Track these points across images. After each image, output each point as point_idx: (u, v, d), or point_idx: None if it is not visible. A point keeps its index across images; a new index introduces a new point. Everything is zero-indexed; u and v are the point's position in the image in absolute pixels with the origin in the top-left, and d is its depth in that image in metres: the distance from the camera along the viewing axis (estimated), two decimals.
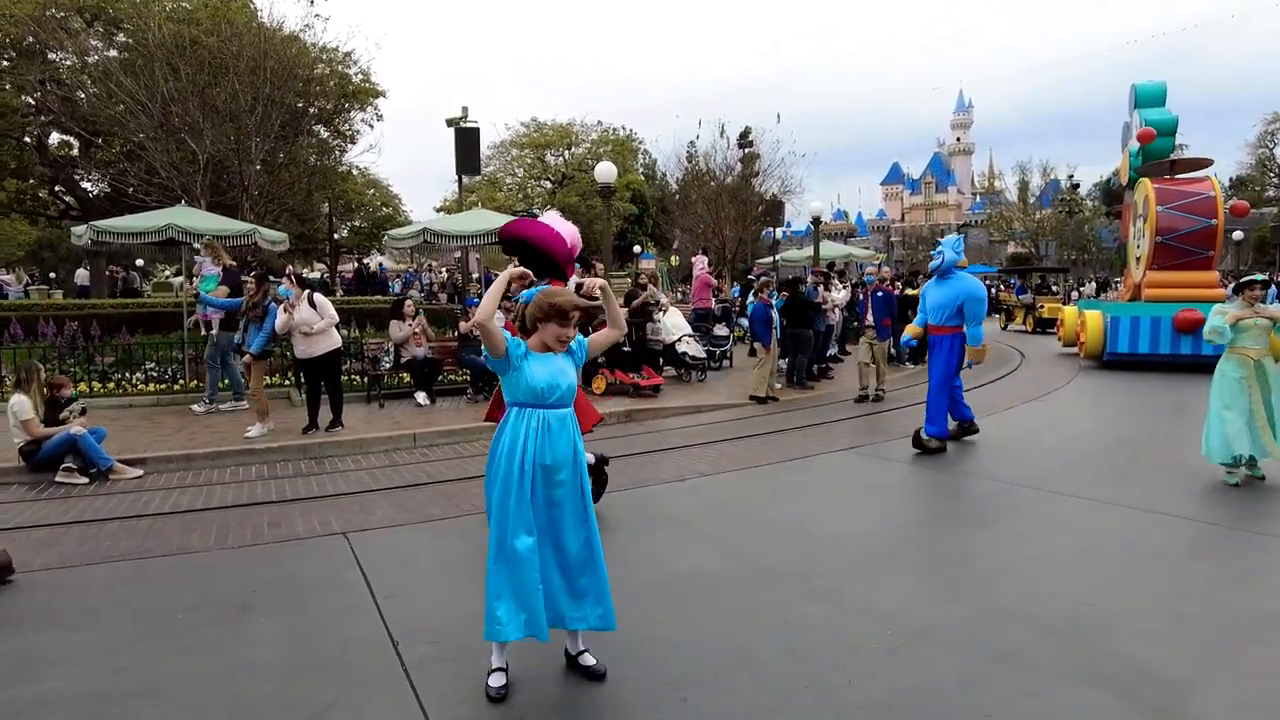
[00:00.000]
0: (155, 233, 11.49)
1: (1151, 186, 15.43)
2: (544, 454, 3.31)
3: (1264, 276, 6.84)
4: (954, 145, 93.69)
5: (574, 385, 3.43)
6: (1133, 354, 14.27)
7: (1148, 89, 17.12)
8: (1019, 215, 58.52)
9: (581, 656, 3.52)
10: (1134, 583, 4.48)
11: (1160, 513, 5.74)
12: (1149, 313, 14.32)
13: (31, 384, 7.59)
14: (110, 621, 4.20)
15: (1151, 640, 3.74)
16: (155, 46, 17.34)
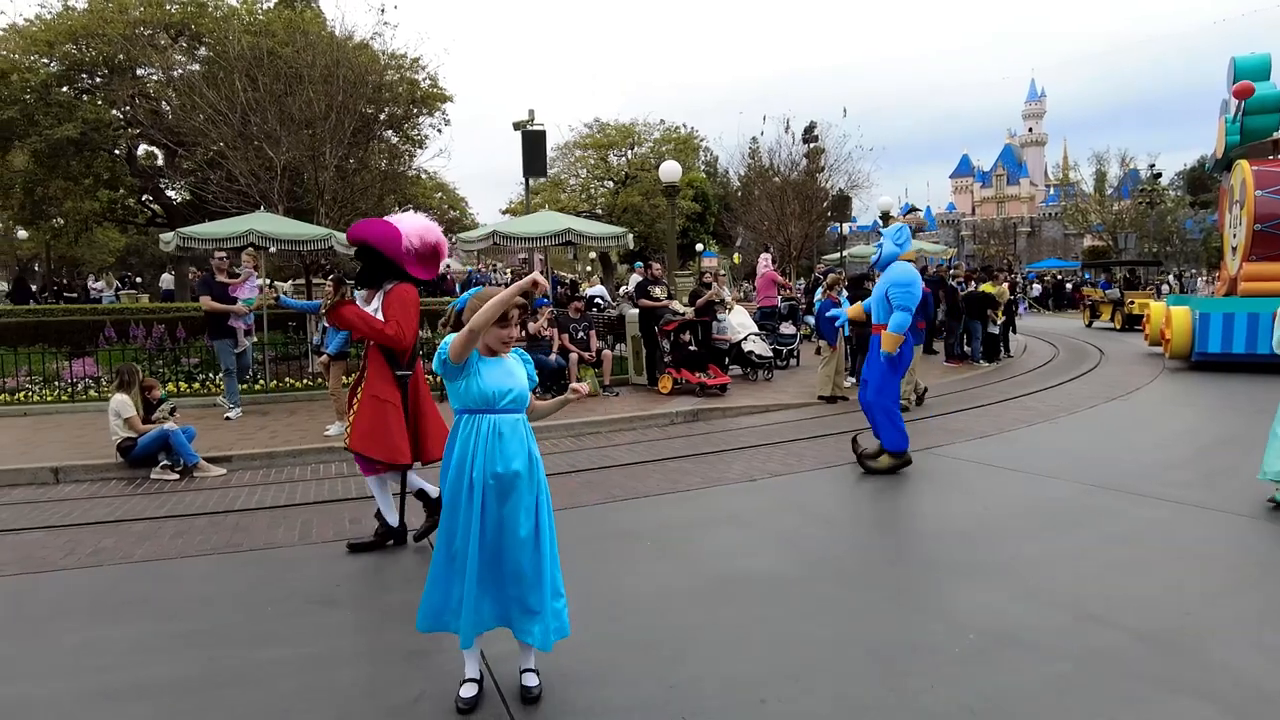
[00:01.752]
0: (237, 238, 11.92)
1: (1250, 169, 14.09)
2: (494, 462, 3.18)
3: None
4: (1026, 136, 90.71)
5: (524, 390, 3.28)
6: (1225, 354, 13.12)
7: (1249, 62, 15.53)
8: (1095, 207, 56.28)
9: (524, 675, 3.36)
10: (1239, 592, 4.27)
11: (1262, 519, 5.45)
12: (1245, 309, 13.15)
13: (133, 385, 8.01)
14: (203, 613, 4.37)
15: (1260, 652, 3.55)
16: (234, 58, 17.99)
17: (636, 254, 27.41)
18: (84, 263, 39.68)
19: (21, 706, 3.40)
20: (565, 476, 7.31)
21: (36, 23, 22.60)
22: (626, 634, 3.95)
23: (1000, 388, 12.12)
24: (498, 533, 3.22)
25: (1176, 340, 13.98)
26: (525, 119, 16.40)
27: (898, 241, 7.20)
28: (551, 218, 14.73)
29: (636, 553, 5.20)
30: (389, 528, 5.36)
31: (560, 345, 11.70)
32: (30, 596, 4.71)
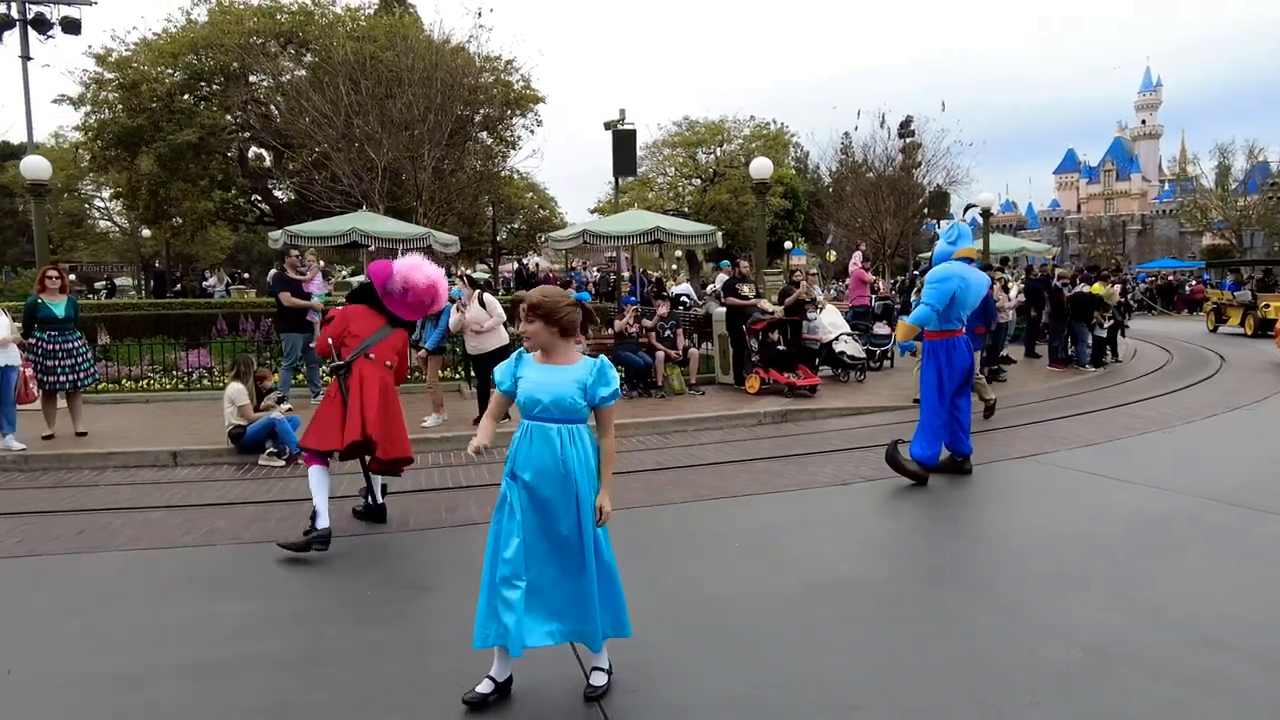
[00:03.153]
0: (340, 236, 12.44)
1: None
2: (524, 467, 3.18)
3: None
4: (1138, 128, 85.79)
5: (562, 400, 3.16)
6: None
7: None
8: (1217, 203, 52.71)
9: (592, 674, 3.35)
10: None
11: None
12: None
13: (248, 375, 8.48)
14: (308, 594, 4.58)
15: None
16: (338, 64, 18.81)
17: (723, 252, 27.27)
18: (198, 259, 42.15)
19: (149, 671, 3.63)
20: (651, 474, 7.33)
21: (163, 36, 24.15)
22: (714, 632, 3.93)
23: (1108, 394, 11.52)
24: (540, 538, 3.22)
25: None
26: (616, 118, 16.52)
27: (950, 240, 6.91)
28: (640, 216, 14.80)
29: (724, 552, 5.17)
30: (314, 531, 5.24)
31: (647, 343, 11.73)
32: (153, 570, 5.03)
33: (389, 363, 5.57)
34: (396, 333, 5.73)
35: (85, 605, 4.48)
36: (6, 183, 34.85)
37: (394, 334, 5.70)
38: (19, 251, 39.94)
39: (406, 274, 5.55)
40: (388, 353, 5.60)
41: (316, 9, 25.40)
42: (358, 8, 26.25)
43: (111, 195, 34.97)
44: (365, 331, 5.54)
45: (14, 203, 40.86)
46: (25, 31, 19.19)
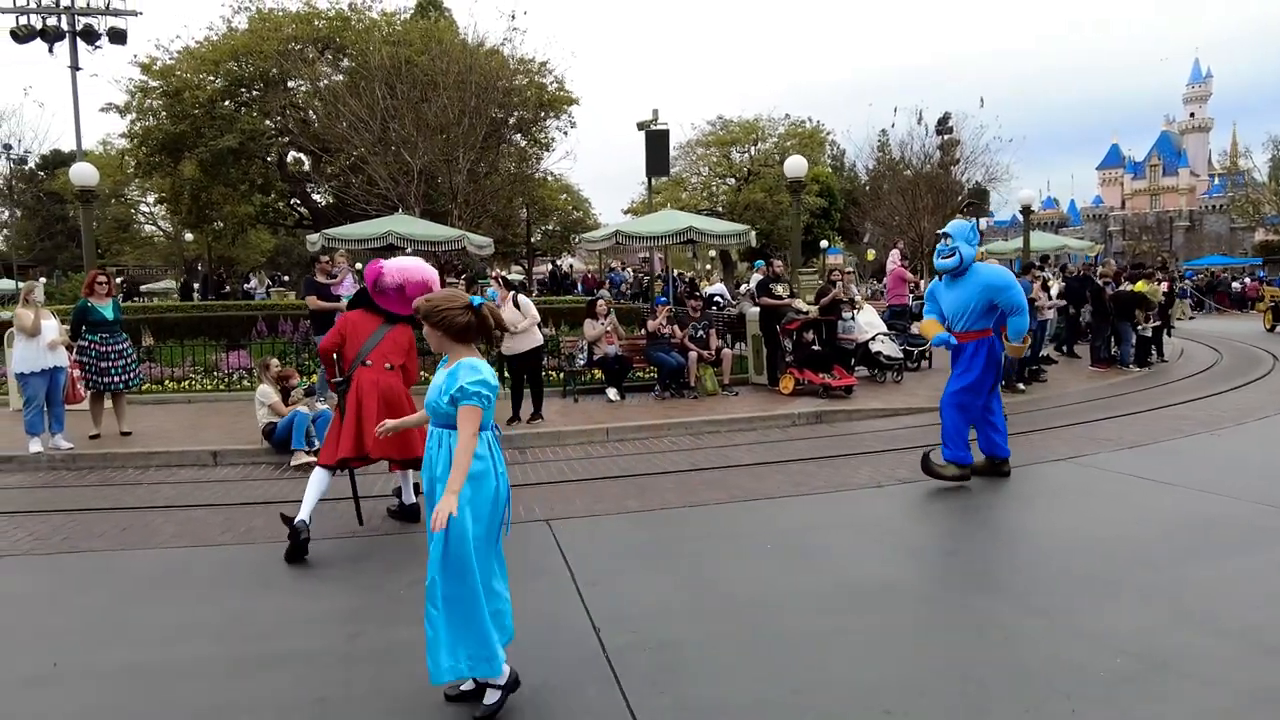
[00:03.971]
0: (377, 239, 12.59)
1: None
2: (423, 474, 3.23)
3: None
4: (1186, 122, 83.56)
5: (429, 403, 3.15)
6: None
7: None
8: (1271, 198, 51.09)
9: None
10: None
11: None
12: None
13: (270, 376, 8.69)
14: (341, 592, 4.64)
15: None
16: (374, 68, 19.04)
17: (758, 252, 27.10)
18: (238, 262, 43.02)
19: (190, 665, 3.70)
20: (686, 475, 7.30)
21: (205, 44, 24.68)
22: (747, 634, 3.89)
23: (1152, 394, 11.22)
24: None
25: None
26: (649, 119, 16.49)
27: (973, 242, 6.70)
28: (673, 216, 14.76)
29: (758, 554, 5.12)
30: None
31: (680, 343, 11.70)
32: (194, 567, 5.13)
33: (389, 364, 5.53)
34: (398, 329, 5.65)
35: (127, 601, 4.58)
36: (57, 189, 35.92)
37: (394, 331, 5.62)
38: (69, 256, 41.17)
39: (399, 268, 5.57)
40: (389, 353, 5.56)
41: (353, 14, 25.78)
42: (393, 13, 26.60)
43: (156, 200, 35.91)
44: (362, 336, 5.55)
45: (64, 209, 42.13)
46: (74, 43, 19.72)
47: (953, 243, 6.57)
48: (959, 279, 6.61)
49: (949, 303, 6.71)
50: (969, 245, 6.62)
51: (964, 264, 6.56)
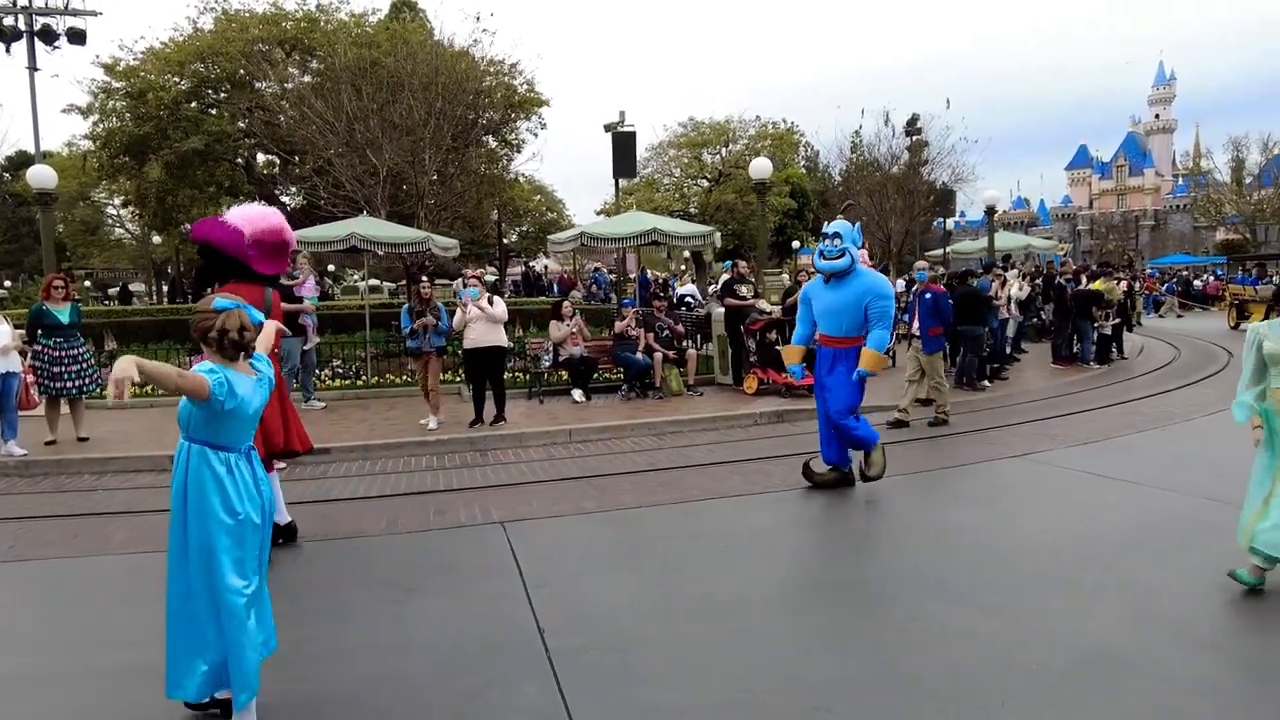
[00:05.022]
0: (340, 241, 12.51)
1: None
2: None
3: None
4: (1151, 123, 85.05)
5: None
6: None
7: None
8: (1231, 198, 52.17)
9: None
10: None
11: None
12: None
13: None
14: (293, 596, 4.59)
15: None
16: (341, 70, 18.89)
17: (732, 252, 27.23)
18: None
19: (133, 670, 3.66)
20: (645, 475, 7.34)
21: (170, 45, 24.33)
22: (696, 635, 3.92)
23: (1110, 391, 11.43)
24: None
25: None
26: (615, 120, 16.52)
27: (858, 243, 6.46)
28: (638, 218, 14.80)
29: (711, 554, 5.16)
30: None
31: (645, 344, 11.74)
32: (148, 572, 5.05)
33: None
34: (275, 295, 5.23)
35: (76, 607, 4.53)
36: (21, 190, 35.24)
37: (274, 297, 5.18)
38: (36, 259, 40.35)
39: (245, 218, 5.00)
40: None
41: (321, 15, 25.54)
42: (362, 14, 26.38)
43: (122, 203, 35.35)
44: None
45: (31, 211, 41.32)
46: (32, 43, 19.38)
47: (842, 243, 6.34)
48: (841, 282, 6.39)
49: (828, 303, 6.45)
50: (855, 247, 6.44)
51: (852, 266, 6.38)
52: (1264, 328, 4.30)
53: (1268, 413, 4.22)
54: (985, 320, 12.10)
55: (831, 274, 6.40)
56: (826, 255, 6.38)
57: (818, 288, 6.61)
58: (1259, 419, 4.25)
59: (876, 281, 6.52)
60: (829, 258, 6.36)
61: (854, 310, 6.34)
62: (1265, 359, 4.22)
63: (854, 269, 6.38)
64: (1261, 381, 4.26)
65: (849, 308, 6.34)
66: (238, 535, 3.06)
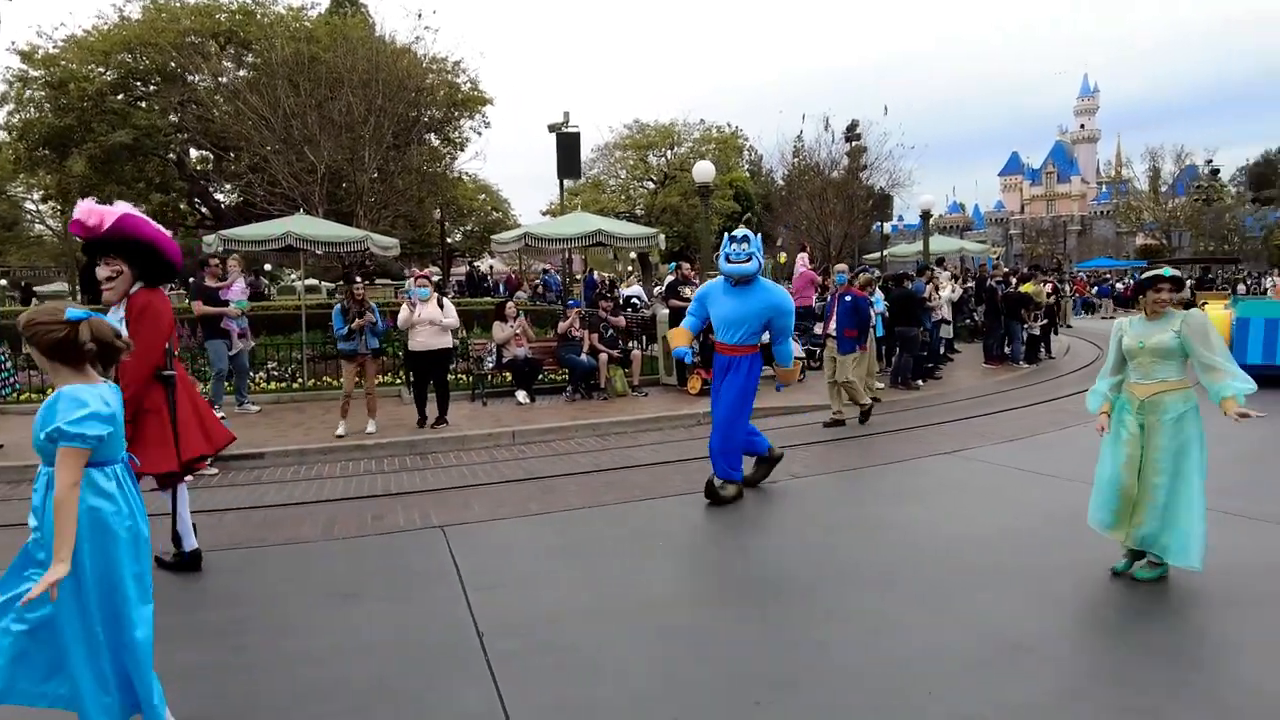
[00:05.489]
0: (275, 240, 12.23)
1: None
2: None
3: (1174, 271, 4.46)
4: (1077, 133, 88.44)
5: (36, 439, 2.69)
6: (1269, 366, 11.11)
7: None
8: (1149, 205, 54.71)
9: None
10: (1264, 603, 4.12)
11: None
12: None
13: None
14: (228, 604, 4.51)
15: (1274, 663, 3.44)
16: (278, 65, 18.47)
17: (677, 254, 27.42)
18: None
19: None
20: (589, 476, 7.36)
21: (93, 34, 23.44)
22: (636, 634, 3.97)
23: (1038, 389, 11.87)
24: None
25: None
26: (560, 121, 16.51)
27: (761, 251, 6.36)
28: (582, 219, 14.82)
29: (652, 553, 5.22)
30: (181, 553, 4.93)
31: (590, 345, 11.76)
32: None
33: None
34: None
35: None
36: None
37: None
38: None
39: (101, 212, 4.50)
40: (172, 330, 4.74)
41: (258, 8, 24.91)
42: (300, 8, 25.82)
43: (42, 198, 33.85)
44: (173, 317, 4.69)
45: None
46: None
47: (750, 247, 6.26)
48: (744, 288, 6.32)
49: (728, 310, 6.35)
50: (760, 254, 6.36)
51: (758, 272, 6.34)
52: (1125, 323, 4.47)
53: (1122, 405, 4.42)
54: (920, 321, 12.45)
55: (742, 277, 6.29)
56: (734, 259, 6.26)
57: (719, 293, 6.49)
58: (1109, 406, 4.45)
59: (779, 296, 6.52)
60: (736, 261, 6.25)
61: (753, 322, 6.30)
62: (1124, 353, 4.40)
63: (757, 277, 6.34)
64: (1120, 373, 4.47)
65: (749, 318, 6.29)
66: (134, 550, 2.84)
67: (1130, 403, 4.37)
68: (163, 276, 4.73)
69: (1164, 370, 4.26)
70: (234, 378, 10.87)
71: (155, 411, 4.53)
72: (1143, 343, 4.28)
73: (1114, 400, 4.46)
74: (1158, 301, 4.28)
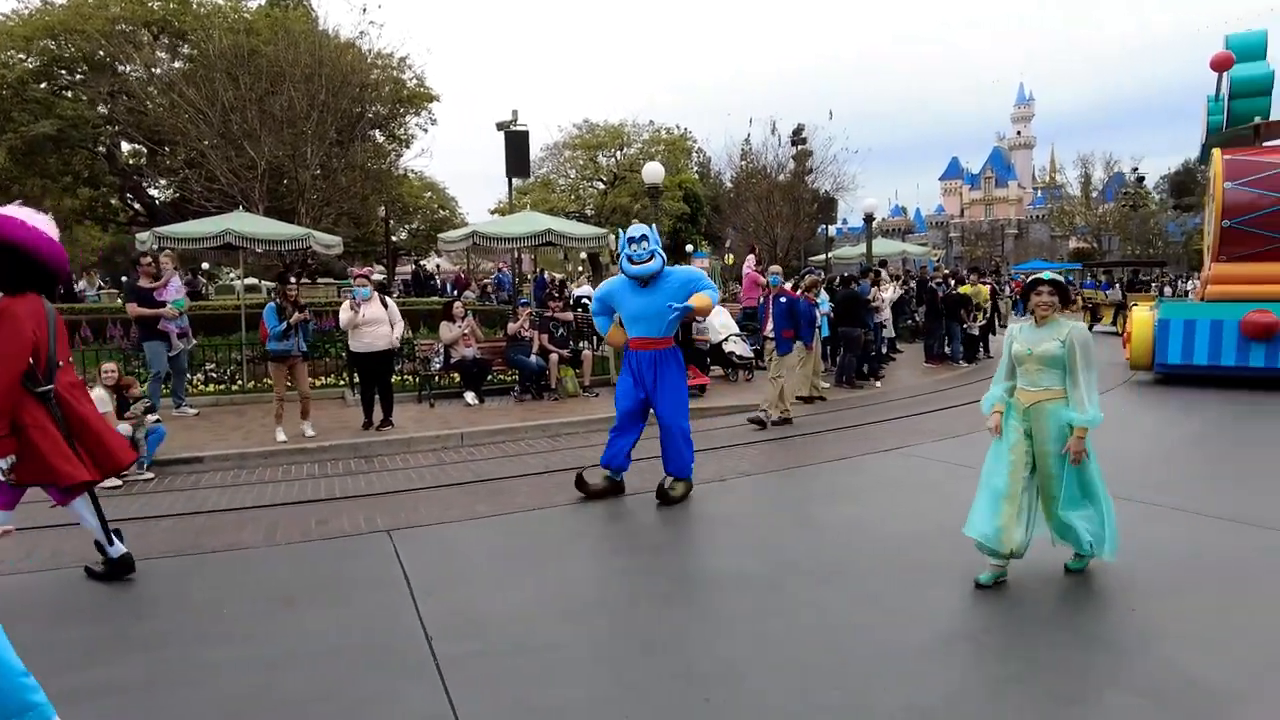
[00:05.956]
0: (213, 238, 11.87)
1: (1221, 158, 12.46)
2: None
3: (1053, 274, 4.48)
4: (1014, 139, 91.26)
5: None
6: (1186, 366, 11.73)
7: (1242, 39, 13.60)
8: (1081, 210, 56.79)
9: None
10: (1188, 590, 4.32)
11: (1222, 519, 5.51)
12: (1208, 315, 11.72)
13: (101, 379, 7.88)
14: (163, 614, 4.36)
15: (1200, 649, 3.60)
16: (216, 57, 17.94)
17: None
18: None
19: None
20: (540, 477, 7.32)
21: (13, 18, 22.43)
22: (589, 634, 3.96)
23: (977, 388, 12.13)
24: None
25: (1137, 350, 12.54)
26: (509, 119, 16.39)
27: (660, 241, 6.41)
28: (531, 218, 14.73)
29: (604, 554, 5.22)
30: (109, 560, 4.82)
31: (540, 345, 11.69)
32: None
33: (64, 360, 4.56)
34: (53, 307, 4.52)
35: None
36: None
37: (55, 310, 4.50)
38: None
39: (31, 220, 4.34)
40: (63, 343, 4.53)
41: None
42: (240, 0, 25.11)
43: None
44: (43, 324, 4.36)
45: None
46: None
47: (650, 245, 6.26)
48: (654, 284, 6.30)
49: (640, 305, 6.33)
50: (660, 248, 6.37)
51: (662, 267, 6.34)
52: (1016, 329, 4.46)
53: (1010, 411, 4.42)
54: (864, 322, 12.69)
55: (647, 276, 6.25)
56: (636, 260, 6.24)
57: (623, 291, 6.44)
58: (1001, 408, 4.45)
59: (691, 273, 6.54)
60: (638, 262, 6.23)
61: (669, 311, 6.28)
62: (1013, 359, 4.40)
63: (663, 270, 6.34)
64: (1013, 379, 4.49)
65: (664, 310, 6.28)
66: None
67: (1017, 409, 4.38)
68: (34, 282, 4.35)
69: (1049, 378, 4.26)
70: (171, 379, 10.51)
71: (37, 427, 4.29)
72: (1030, 349, 4.29)
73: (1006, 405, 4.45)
74: (1039, 304, 4.30)
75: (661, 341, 6.40)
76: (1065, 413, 4.23)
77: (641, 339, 6.42)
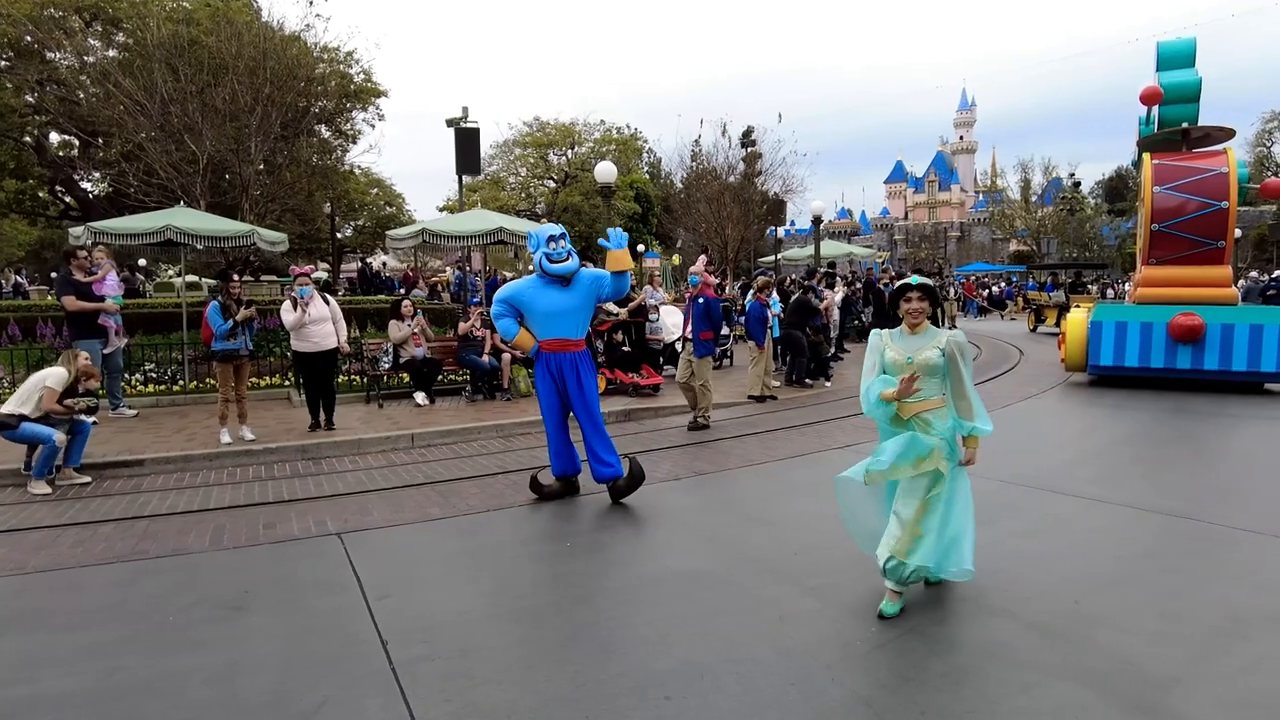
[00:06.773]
0: (154, 234, 11.51)
1: (1150, 163, 12.63)
2: None
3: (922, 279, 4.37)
4: (957, 143, 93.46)
5: None
6: (1118, 368, 12.05)
7: (1172, 47, 13.65)
8: (1021, 213, 58.49)
9: None
10: (1127, 580, 4.49)
11: (1156, 512, 5.75)
12: (1137, 317, 11.94)
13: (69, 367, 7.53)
14: (104, 622, 4.22)
15: (1140, 637, 3.76)
16: (154, 47, 17.37)
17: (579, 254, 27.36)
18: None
19: None
20: (493, 479, 7.27)
21: None
22: (543, 635, 3.95)
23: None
24: None
25: (1071, 352, 12.76)
26: (459, 116, 16.21)
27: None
28: (483, 216, 14.60)
29: (558, 554, 5.21)
30: None
31: (492, 345, 11.60)
32: None
33: None
34: None
35: None
36: None
37: None
38: None
39: None
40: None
41: None
42: None
43: None
44: None
45: None
46: None
47: (566, 244, 6.32)
48: (568, 285, 6.31)
49: (559, 306, 6.30)
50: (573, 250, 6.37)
51: (579, 267, 6.35)
52: (887, 335, 4.29)
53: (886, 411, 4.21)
54: (808, 325, 12.89)
55: (566, 276, 6.27)
56: (555, 258, 6.23)
57: (535, 291, 6.37)
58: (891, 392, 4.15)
59: (598, 270, 6.51)
60: (557, 260, 6.23)
61: (587, 308, 6.40)
62: (885, 367, 4.21)
63: (578, 270, 6.35)
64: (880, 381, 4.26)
65: (581, 306, 6.35)
66: None
67: (894, 422, 4.19)
68: None
69: (930, 387, 4.12)
70: (107, 380, 10.15)
71: None
72: (910, 358, 4.10)
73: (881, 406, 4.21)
74: (910, 311, 4.15)
75: (577, 343, 6.41)
76: (956, 421, 4.16)
77: (557, 340, 6.37)
